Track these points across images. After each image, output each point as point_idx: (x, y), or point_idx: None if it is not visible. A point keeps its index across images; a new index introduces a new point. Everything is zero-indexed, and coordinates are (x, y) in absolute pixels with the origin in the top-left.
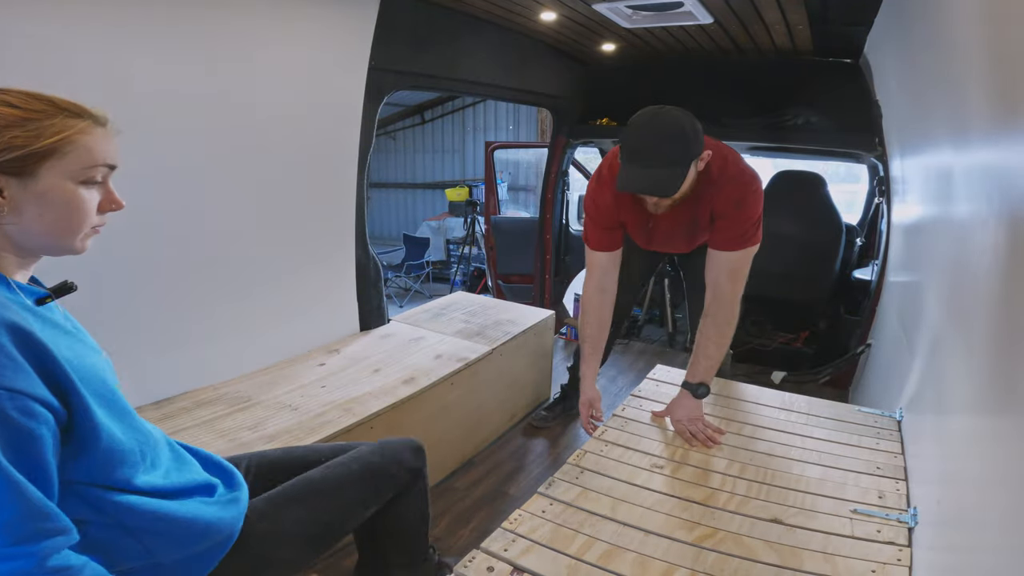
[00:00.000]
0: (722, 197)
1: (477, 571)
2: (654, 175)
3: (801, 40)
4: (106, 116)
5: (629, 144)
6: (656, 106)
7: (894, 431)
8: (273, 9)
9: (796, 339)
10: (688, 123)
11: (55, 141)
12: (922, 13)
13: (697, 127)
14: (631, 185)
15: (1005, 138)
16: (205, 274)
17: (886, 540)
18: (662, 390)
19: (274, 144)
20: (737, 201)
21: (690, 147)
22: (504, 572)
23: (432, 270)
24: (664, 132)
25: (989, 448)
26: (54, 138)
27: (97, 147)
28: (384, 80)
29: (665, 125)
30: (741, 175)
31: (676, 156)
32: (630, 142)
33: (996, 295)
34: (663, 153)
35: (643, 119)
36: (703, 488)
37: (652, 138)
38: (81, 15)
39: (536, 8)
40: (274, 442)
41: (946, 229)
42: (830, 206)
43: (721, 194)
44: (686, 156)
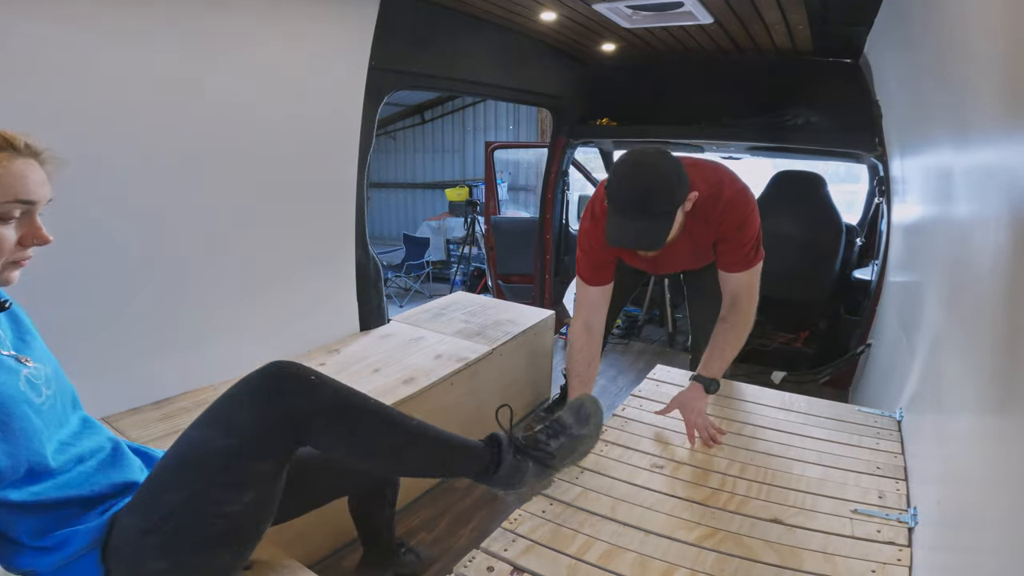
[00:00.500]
0: (725, 224)
1: (477, 571)
2: (641, 228)
3: (801, 40)
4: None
5: (614, 195)
6: (639, 151)
7: (894, 431)
8: (273, 8)
9: (796, 339)
10: (672, 171)
11: None
12: (922, 13)
13: (681, 173)
14: (619, 240)
15: (1005, 138)
16: (205, 274)
17: (886, 540)
18: (662, 390)
19: (274, 144)
20: (739, 225)
21: (675, 196)
22: (504, 572)
23: (432, 270)
24: (648, 185)
25: (989, 448)
26: None
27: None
28: (384, 80)
29: (649, 177)
30: (738, 196)
31: (662, 208)
32: (615, 194)
33: (996, 295)
34: (649, 206)
35: (626, 169)
36: (703, 488)
37: (637, 191)
38: (80, 15)
39: (536, 8)
40: None
41: (946, 229)
42: (830, 206)
43: (724, 221)
44: (672, 206)
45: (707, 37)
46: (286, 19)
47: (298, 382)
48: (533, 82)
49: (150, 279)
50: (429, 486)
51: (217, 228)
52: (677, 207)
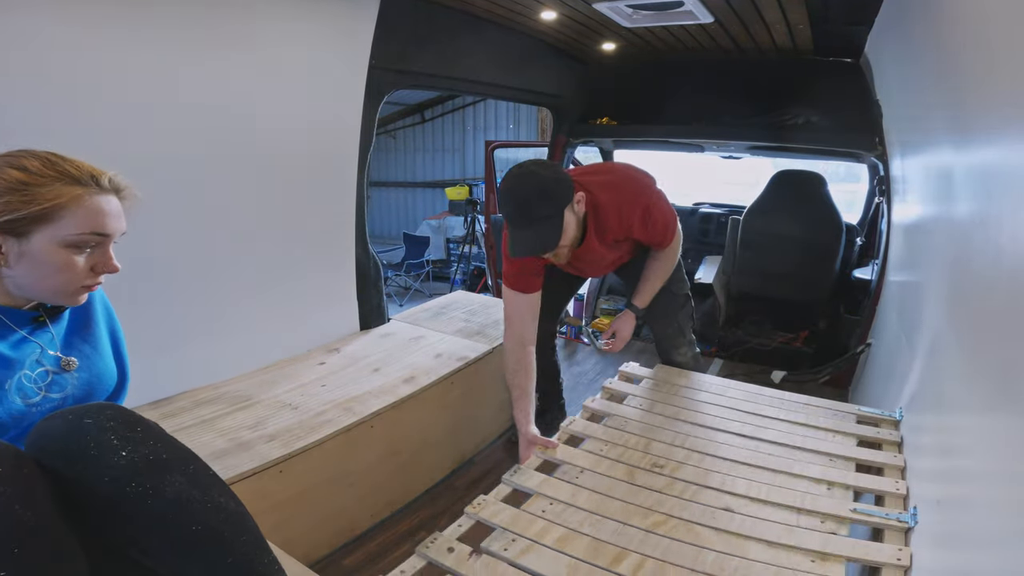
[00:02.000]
0: (630, 222)
1: (438, 552)
2: (531, 235)
3: (802, 40)
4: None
5: (503, 211)
6: (517, 165)
7: (894, 431)
8: (273, 8)
9: (796, 338)
10: (549, 177)
11: (45, 208)
12: (923, 13)
13: (559, 177)
14: (519, 250)
15: (1006, 137)
16: (205, 273)
17: (885, 540)
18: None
19: (274, 143)
20: (642, 219)
21: (555, 200)
22: (464, 553)
23: (432, 269)
24: (526, 194)
25: (989, 448)
26: (45, 205)
27: (92, 216)
28: (384, 79)
29: (527, 187)
30: (634, 196)
31: (544, 213)
32: (503, 209)
33: (996, 295)
34: (531, 213)
35: (509, 183)
36: (704, 487)
37: (521, 202)
38: (78, 16)
39: (536, 7)
40: (274, 441)
41: (946, 228)
42: (830, 205)
43: (626, 220)
44: (554, 208)
45: (707, 36)
46: (286, 19)
47: None
48: (533, 81)
49: (149, 279)
50: (429, 485)
51: (216, 227)
52: (561, 209)
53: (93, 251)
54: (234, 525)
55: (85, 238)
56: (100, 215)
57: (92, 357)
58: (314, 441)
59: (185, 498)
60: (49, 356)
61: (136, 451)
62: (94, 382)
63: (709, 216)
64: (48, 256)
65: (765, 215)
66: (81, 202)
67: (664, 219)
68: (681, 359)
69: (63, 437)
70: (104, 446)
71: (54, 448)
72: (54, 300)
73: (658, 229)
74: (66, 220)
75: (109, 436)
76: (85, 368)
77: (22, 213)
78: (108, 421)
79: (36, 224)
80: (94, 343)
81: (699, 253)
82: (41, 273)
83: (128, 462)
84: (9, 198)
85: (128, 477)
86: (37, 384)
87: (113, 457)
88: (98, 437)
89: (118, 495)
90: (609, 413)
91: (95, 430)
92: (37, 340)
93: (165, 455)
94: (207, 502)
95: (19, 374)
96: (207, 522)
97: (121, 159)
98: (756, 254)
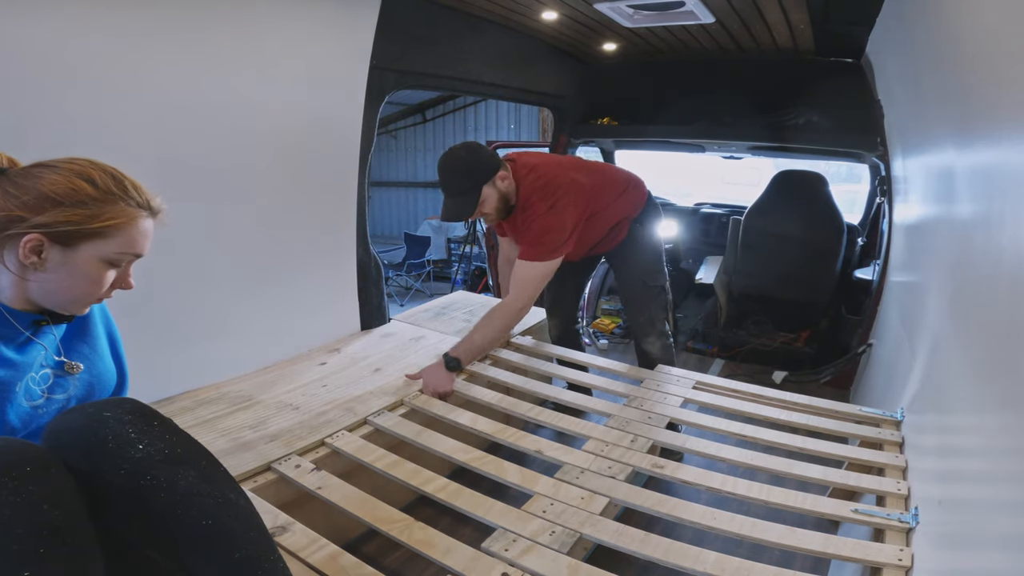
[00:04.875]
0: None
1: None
2: (453, 204)
3: (803, 40)
4: (161, 209)
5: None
6: (452, 146)
7: (895, 431)
8: (274, 8)
9: (797, 339)
10: (471, 158)
11: (105, 226)
12: (924, 12)
13: (480, 156)
14: (445, 215)
15: (1007, 138)
16: (206, 273)
17: (887, 540)
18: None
19: (275, 143)
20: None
21: (474, 177)
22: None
23: (433, 269)
24: (452, 170)
25: (991, 448)
26: (106, 223)
27: (137, 238)
28: (385, 79)
29: (452, 164)
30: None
31: (465, 187)
32: (440, 181)
33: (998, 295)
34: (455, 187)
35: (441, 161)
36: (703, 488)
37: (445, 176)
38: (75, 16)
39: (537, 7)
40: (275, 441)
41: (948, 229)
42: (831, 206)
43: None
44: (475, 184)
45: (708, 37)
46: (287, 19)
47: None
48: (534, 81)
49: (149, 278)
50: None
51: (217, 227)
52: (479, 185)
53: (121, 269)
54: (243, 521)
55: (126, 257)
56: (143, 238)
57: (92, 358)
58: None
59: (196, 492)
60: (51, 358)
61: (152, 445)
62: (95, 383)
63: (710, 216)
64: (87, 268)
65: (766, 215)
66: (134, 224)
67: (540, 231)
68: (650, 348)
69: (82, 429)
70: (122, 439)
71: (73, 441)
72: (66, 308)
73: (528, 235)
74: (116, 239)
75: (127, 429)
76: (86, 369)
77: (83, 227)
78: (127, 415)
79: (89, 238)
80: (93, 344)
81: (700, 253)
82: (71, 283)
83: (144, 455)
84: (76, 210)
85: (144, 470)
86: (41, 386)
87: (130, 450)
88: (117, 430)
89: (133, 487)
90: (637, 420)
91: (114, 423)
92: (40, 342)
93: (180, 450)
94: (218, 497)
95: (26, 377)
96: (217, 517)
97: (121, 159)
98: (757, 254)
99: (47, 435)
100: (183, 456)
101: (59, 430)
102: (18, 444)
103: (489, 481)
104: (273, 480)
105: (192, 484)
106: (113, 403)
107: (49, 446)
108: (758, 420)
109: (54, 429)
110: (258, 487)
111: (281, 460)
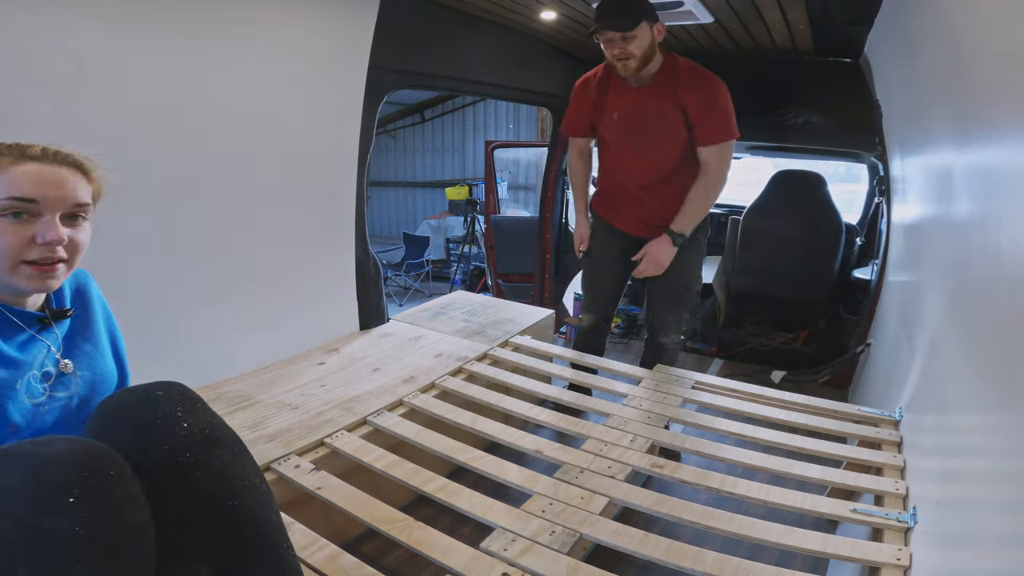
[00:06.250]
0: (693, 98)
1: (287, 467)
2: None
3: (802, 39)
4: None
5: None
6: None
7: (893, 431)
8: (273, 8)
9: (796, 338)
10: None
11: None
12: (923, 12)
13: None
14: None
15: (1006, 137)
16: (204, 273)
17: (885, 540)
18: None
19: (274, 143)
20: (709, 99)
21: (643, 9)
22: (307, 469)
23: (432, 269)
24: None
25: (989, 448)
26: None
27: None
28: (384, 79)
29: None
30: (708, 78)
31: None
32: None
33: (996, 294)
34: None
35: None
36: (703, 488)
37: None
38: (75, 16)
39: (536, 7)
40: (274, 441)
41: (946, 229)
42: (830, 205)
43: (692, 94)
44: (642, 13)
45: (707, 37)
46: (286, 19)
47: None
48: (533, 81)
49: (149, 278)
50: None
51: (216, 227)
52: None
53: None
54: (264, 507)
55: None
56: (21, 180)
57: (94, 356)
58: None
59: (228, 474)
60: (53, 356)
61: (195, 424)
62: (97, 381)
63: (709, 216)
64: None
65: (765, 215)
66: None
67: (727, 113)
68: (666, 341)
69: (135, 406)
70: (170, 417)
71: (126, 416)
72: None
73: (718, 118)
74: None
75: (176, 408)
76: (88, 367)
77: None
78: (176, 395)
79: None
80: (95, 342)
81: None
82: None
83: (188, 433)
84: None
85: (185, 447)
86: (43, 384)
87: (176, 428)
88: (166, 408)
89: (173, 462)
90: (635, 419)
91: (165, 402)
92: (45, 340)
93: (218, 432)
94: (245, 480)
95: (28, 375)
96: (243, 499)
97: (120, 159)
98: (756, 254)
99: (96, 414)
100: (220, 438)
101: (111, 408)
102: (97, 448)
103: (488, 481)
104: (272, 480)
105: (226, 465)
106: (164, 384)
107: (101, 422)
108: (757, 420)
109: (105, 409)
110: None
111: (280, 460)
